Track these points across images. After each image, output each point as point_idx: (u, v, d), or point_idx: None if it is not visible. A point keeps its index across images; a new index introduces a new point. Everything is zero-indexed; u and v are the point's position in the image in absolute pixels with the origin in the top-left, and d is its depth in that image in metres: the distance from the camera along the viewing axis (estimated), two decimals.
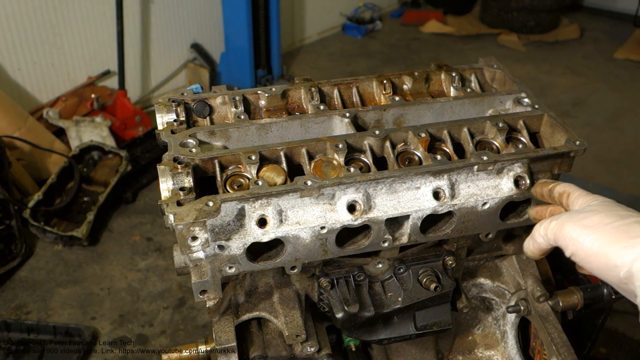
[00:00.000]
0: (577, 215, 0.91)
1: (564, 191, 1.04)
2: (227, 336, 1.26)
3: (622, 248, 0.81)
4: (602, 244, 0.84)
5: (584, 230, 0.87)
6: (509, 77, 1.45)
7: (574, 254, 0.88)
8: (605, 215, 0.88)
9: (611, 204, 0.93)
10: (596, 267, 0.85)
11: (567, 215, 0.93)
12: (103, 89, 4.60)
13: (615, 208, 0.90)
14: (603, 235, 0.84)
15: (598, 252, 0.84)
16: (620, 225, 0.84)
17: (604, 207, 0.91)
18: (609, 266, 0.82)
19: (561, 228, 0.91)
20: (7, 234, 3.32)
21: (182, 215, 1.01)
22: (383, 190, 1.16)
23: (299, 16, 6.45)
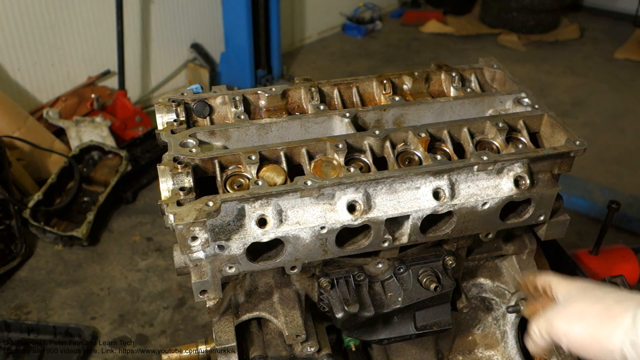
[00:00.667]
0: (561, 310, 0.97)
1: (545, 284, 1.11)
2: (227, 336, 1.26)
3: (609, 331, 0.86)
4: (592, 331, 0.89)
5: (571, 322, 0.93)
6: (509, 77, 1.45)
7: (571, 345, 0.93)
8: (586, 303, 0.94)
9: (588, 287, 0.99)
10: (593, 354, 0.89)
11: (553, 311, 0.99)
12: (103, 89, 4.60)
13: (592, 291, 0.96)
14: (589, 323, 0.90)
15: (590, 341, 0.89)
16: (601, 309, 0.90)
17: (583, 293, 0.97)
18: (604, 351, 0.87)
19: (551, 326, 0.97)
20: (7, 234, 3.32)
21: (182, 215, 1.01)
22: (383, 190, 1.16)
23: (299, 16, 6.45)
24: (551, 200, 1.27)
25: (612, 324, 0.87)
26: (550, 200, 1.27)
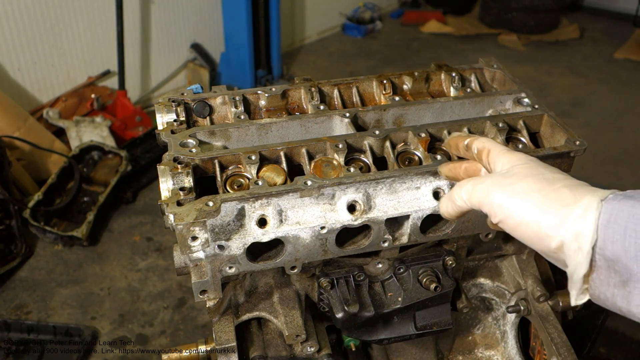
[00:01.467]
0: (503, 179, 0.85)
1: (483, 147, 0.97)
2: (227, 336, 1.26)
3: (553, 217, 0.77)
4: (533, 212, 0.79)
5: (513, 197, 0.82)
6: (509, 77, 1.45)
7: (503, 221, 0.83)
8: (533, 180, 0.82)
9: (536, 165, 0.87)
10: (526, 236, 0.81)
11: (493, 179, 0.87)
12: (103, 89, 4.60)
13: (541, 170, 0.85)
14: (533, 203, 0.79)
15: (529, 221, 0.79)
16: (550, 192, 0.80)
17: (530, 169, 0.86)
18: (540, 236, 0.78)
19: (488, 194, 0.85)
20: (7, 234, 3.32)
21: (182, 215, 1.01)
22: (383, 190, 1.16)
23: (299, 16, 6.45)
24: None
25: (558, 210, 0.77)
26: None
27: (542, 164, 0.88)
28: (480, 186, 0.87)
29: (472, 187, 0.88)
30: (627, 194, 0.74)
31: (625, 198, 0.73)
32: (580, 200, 0.76)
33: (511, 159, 0.90)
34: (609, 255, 0.72)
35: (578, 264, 0.74)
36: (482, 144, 0.98)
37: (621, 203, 0.72)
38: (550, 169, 0.86)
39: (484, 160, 0.96)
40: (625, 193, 0.75)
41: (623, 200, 0.73)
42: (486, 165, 0.96)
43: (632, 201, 0.72)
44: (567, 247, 0.75)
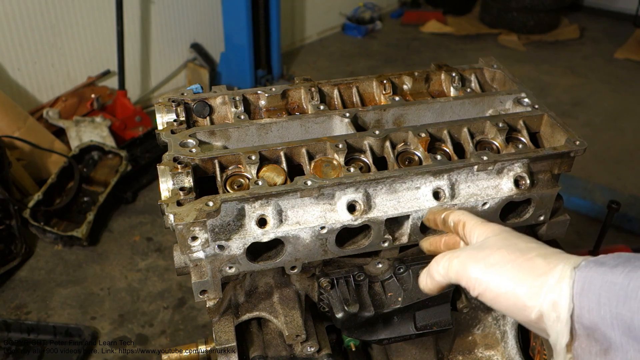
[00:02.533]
0: (478, 252, 0.86)
1: (458, 220, 0.99)
2: (227, 336, 1.26)
3: (529, 288, 0.78)
4: (509, 284, 0.80)
5: (488, 270, 0.83)
6: (509, 77, 1.45)
7: (481, 294, 0.84)
8: (507, 251, 0.83)
9: (509, 235, 0.89)
10: (505, 307, 0.81)
11: (467, 253, 0.88)
12: (103, 89, 4.60)
13: (514, 241, 0.86)
14: (509, 275, 0.80)
15: (506, 293, 0.80)
16: (524, 262, 0.81)
17: (503, 241, 0.87)
18: (519, 307, 0.79)
19: (464, 268, 0.86)
20: (7, 234, 3.32)
21: (182, 215, 1.01)
22: (383, 190, 1.16)
23: (299, 16, 6.45)
24: (551, 200, 1.27)
25: (534, 280, 0.77)
26: (550, 200, 1.27)
27: (515, 234, 0.89)
28: (456, 260, 0.88)
29: (449, 262, 0.89)
30: (599, 261, 0.74)
31: (597, 265, 0.73)
32: (554, 268, 0.77)
33: (485, 231, 0.92)
34: (587, 324, 0.72)
35: (559, 333, 0.74)
36: (458, 217, 1.00)
37: (593, 271, 0.73)
38: (524, 239, 0.87)
39: (460, 232, 0.98)
40: (597, 259, 0.75)
41: (595, 268, 0.73)
42: (462, 237, 0.98)
43: (603, 268, 0.72)
44: (546, 317, 0.76)
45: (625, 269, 0.70)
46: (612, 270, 0.71)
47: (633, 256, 0.73)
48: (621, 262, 0.72)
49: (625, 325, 0.68)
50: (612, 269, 0.71)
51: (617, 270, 0.71)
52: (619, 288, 0.69)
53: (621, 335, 0.69)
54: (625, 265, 0.71)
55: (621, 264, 0.71)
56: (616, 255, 0.75)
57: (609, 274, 0.71)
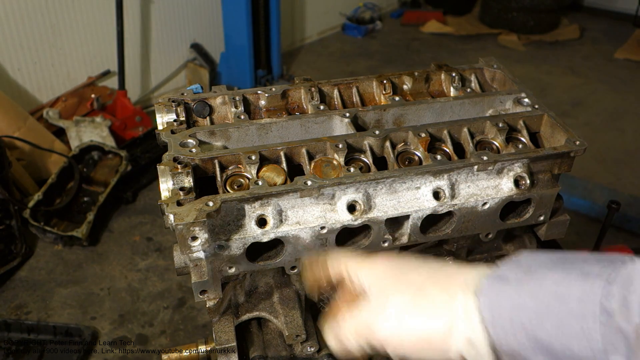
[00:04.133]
0: (377, 308, 0.80)
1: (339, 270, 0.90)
2: (227, 336, 1.26)
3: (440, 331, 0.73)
4: (419, 332, 0.75)
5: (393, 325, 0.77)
6: (509, 77, 1.45)
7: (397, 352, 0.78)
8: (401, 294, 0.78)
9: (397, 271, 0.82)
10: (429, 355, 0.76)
11: (367, 312, 0.81)
12: (103, 89, 4.60)
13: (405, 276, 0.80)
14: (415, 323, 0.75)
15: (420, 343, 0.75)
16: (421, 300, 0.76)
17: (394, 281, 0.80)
18: (439, 352, 0.74)
19: (371, 333, 0.80)
20: (7, 234, 3.32)
21: (182, 215, 1.01)
22: (383, 190, 1.16)
23: (299, 16, 6.45)
24: (551, 200, 1.27)
25: (440, 320, 0.73)
26: (550, 200, 1.27)
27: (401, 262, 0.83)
28: (359, 323, 0.82)
29: (354, 328, 0.82)
30: (499, 275, 0.71)
31: (500, 283, 0.70)
32: (455, 298, 0.73)
33: (370, 272, 0.85)
34: (508, 351, 0.70)
35: None
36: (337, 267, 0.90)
37: (498, 292, 0.69)
38: (411, 265, 0.82)
39: (347, 280, 0.90)
40: (496, 274, 0.71)
41: (499, 287, 0.70)
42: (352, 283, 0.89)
43: (508, 288, 0.69)
44: (467, 355, 0.72)
45: (529, 285, 0.67)
46: (518, 290, 0.68)
47: (534, 262, 0.70)
48: (522, 274, 0.69)
49: (546, 349, 0.65)
50: (517, 288, 0.68)
51: (522, 290, 0.67)
52: (529, 312, 0.66)
53: (544, 358, 0.66)
54: (528, 280, 0.67)
55: (524, 280, 0.68)
56: (515, 263, 0.72)
57: (515, 297, 0.67)
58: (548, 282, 0.66)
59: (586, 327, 0.62)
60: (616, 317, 0.60)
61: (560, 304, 0.64)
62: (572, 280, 0.64)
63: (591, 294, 0.62)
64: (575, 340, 0.62)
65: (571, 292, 0.64)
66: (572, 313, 0.63)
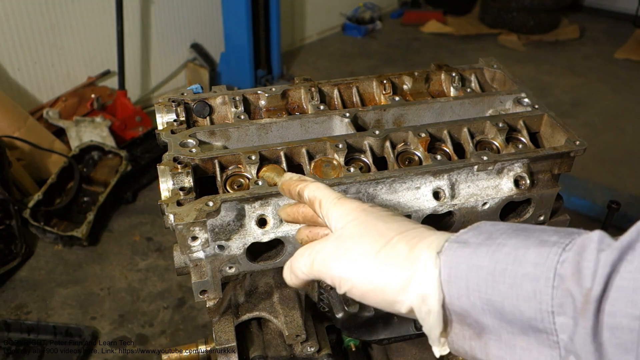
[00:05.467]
0: (338, 246, 0.80)
1: (314, 197, 0.90)
2: (227, 336, 1.26)
3: (396, 282, 0.73)
4: (375, 280, 0.75)
5: (351, 266, 0.77)
6: (509, 77, 1.45)
7: (348, 292, 0.79)
8: (368, 241, 0.78)
9: (368, 218, 0.81)
10: (375, 303, 0.77)
11: (328, 248, 0.82)
12: (103, 89, 4.60)
13: (374, 224, 0.80)
14: (373, 270, 0.76)
15: (373, 289, 0.76)
16: (387, 252, 0.76)
17: (362, 226, 0.80)
18: (389, 301, 0.75)
19: (327, 266, 0.80)
20: (7, 234, 3.32)
21: (182, 215, 1.01)
22: (383, 190, 1.16)
23: (299, 16, 6.45)
24: (551, 200, 1.27)
25: (399, 272, 0.73)
26: (550, 200, 1.27)
27: (376, 212, 0.83)
28: (317, 257, 0.82)
29: (310, 260, 0.83)
30: (461, 239, 0.72)
31: (461, 246, 0.71)
32: (418, 257, 0.73)
33: (344, 212, 0.84)
34: (458, 311, 0.71)
35: (431, 326, 0.72)
36: (313, 192, 0.90)
37: (458, 254, 0.70)
38: (385, 218, 0.81)
39: (317, 210, 0.90)
40: (459, 238, 0.73)
41: (459, 250, 0.70)
42: (320, 216, 0.90)
43: (467, 250, 0.70)
44: (417, 310, 0.73)
45: (489, 249, 0.68)
46: (477, 252, 0.69)
47: (495, 230, 0.71)
48: (483, 239, 0.70)
49: (496, 310, 0.67)
50: (476, 250, 0.69)
51: (481, 252, 0.69)
52: (485, 272, 0.67)
53: (493, 319, 0.68)
54: (489, 244, 0.69)
55: (484, 243, 0.69)
56: (476, 228, 0.73)
57: (474, 257, 0.69)
58: (506, 247, 0.67)
59: (538, 290, 0.63)
60: (567, 282, 0.61)
61: (516, 267, 0.65)
62: (530, 247, 0.66)
63: (547, 259, 0.64)
64: (526, 302, 0.64)
65: (528, 257, 0.65)
66: (527, 276, 0.64)
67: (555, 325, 0.63)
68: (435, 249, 0.73)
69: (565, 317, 0.62)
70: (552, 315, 0.62)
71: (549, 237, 0.67)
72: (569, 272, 0.62)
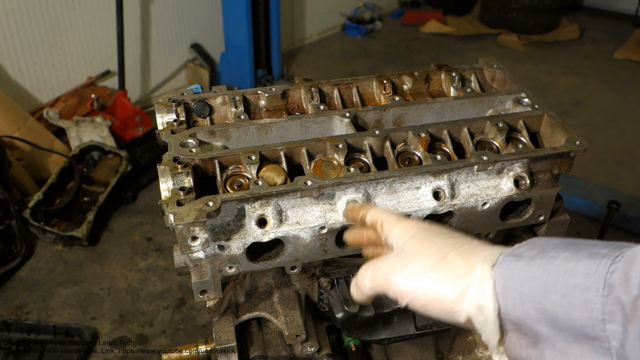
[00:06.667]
0: (398, 261, 0.86)
1: (376, 220, 0.98)
2: (227, 336, 1.26)
3: (453, 293, 0.79)
4: (433, 292, 0.81)
5: (411, 279, 0.83)
6: (509, 77, 1.45)
7: (410, 304, 0.84)
8: (426, 256, 0.84)
9: (426, 235, 0.88)
10: (436, 313, 0.82)
11: (389, 263, 0.88)
12: (103, 89, 4.60)
13: (432, 240, 0.87)
14: (431, 283, 0.81)
15: (433, 300, 0.81)
16: (444, 266, 0.81)
17: (420, 243, 0.87)
18: (447, 312, 0.80)
19: (388, 281, 0.86)
20: (7, 234, 3.32)
21: (182, 215, 1.01)
22: (383, 190, 1.16)
23: (299, 16, 6.45)
24: (551, 200, 1.27)
25: (455, 284, 0.78)
26: (550, 200, 1.27)
27: (433, 229, 0.90)
28: (379, 272, 0.88)
29: (373, 275, 0.89)
30: (516, 253, 0.76)
31: (515, 259, 0.75)
32: (473, 269, 0.78)
33: (403, 231, 0.92)
34: (514, 320, 0.74)
35: (489, 334, 0.77)
36: (374, 216, 0.99)
37: (512, 267, 0.74)
38: (442, 234, 0.88)
39: (379, 231, 0.97)
40: (514, 252, 0.76)
41: (513, 263, 0.74)
42: (382, 236, 0.97)
43: (521, 263, 0.74)
44: (474, 320, 0.77)
45: (542, 261, 0.72)
46: (530, 265, 0.73)
47: (548, 244, 0.75)
48: (536, 253, 0.74)
49: (550, 319, 0.70)
50: (530, 262, 0.73)
51: (534, 264, 0.72)
52: (539, 283, 0.71)
53: (547, 327, 0.71)
54: (542, 257, 0.73)
55: (537, 256, 0.73)
56: (531, 243, 0.77)
57: (527, 269, 0.72)
58: (558, 260, 0.71)
59: (589, 299, 0.66)
60: (616, 290, 0.64)
61: (568, 278, 0.69)
62: (581, 259, 0.69)
63: (597, 270, 0.67)
64: (578, 311, 0.67)
65: (579, 268, 0.68)
66: (578, 286, 0.67)
67: (607, 332, 0.65)
68: (490, 262, 0.77)
69: (616, 324, 0.64)
70: (603, 322, 0.65)
71: (599, 250, 0.70)
72: (617, 281, 0.65)
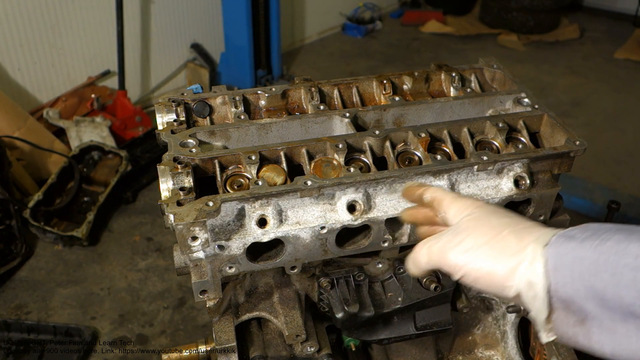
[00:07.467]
0: (454, 237, 0.90)
1: (433, 198, 1.01)
2: (227, 336, 1.26)
3: (505, 268, 0.82)
4: (486, 267, 0.84)
5: (465, 254, 0.87)
6: (509, 77, 1.45)
7: (462, 278, 0.88)
8: (481, 233, 0.88)
9: (482, 213, 0.92)
10: (487, 288, 0.86)
11: (445, 239, 0.91)
12: (103, 89, 4.60)
13: (488, 218, 0.90)
14: (484, 258, 0.85)
15: (485, 274, 0.84)
16: (497, 243, 0.85)
17: (476, 220, 0.90)
18: (498, 287, 0.84)
19: (443, 256, 0.90)
20: (7, 234, 3.32)
21: (182, 215, 1.01)
22: (383, 190, 1.16)
23: (299, 16, 6.45)
24: (551, 200, 1.27)
25: (508, 260, 0.82)
26: (550, 200, 1.27)
27: (489, 208, 0.93)
28: (435, 248, 0.92)
29: (429, 251, 0.93)
30: (568, 234, 0.78)
31: (567, 240, 0.77)
32: (526, 247, 0.81)
33: (460, 208, 0.95)
34: (563, 297, 0.76)
35: (537, 310, 0.79)
36: (432, 194, 1.02)
37: (563, 246, 0.77)
38: (497, 213, 0.91)
39: (437, 209, 1.00)
40: (566, 233, 0.79)
41: (565, 243, 0.77)
42: (440, 214, 1.00)
43: (573, 243, 0.76)
44: (524, 295, 0.80)
45: (593, 242, 0.74)
46: (582, 245, 0.75)
47: (600, 228, 0.77)
48: (589, 235, 0.76)
49: (599, 297, 0.72)
50: (581, 243, 0.75)
51: (586, 245, 0.74)
52: (589, 262, 0.73)
53: (595, 306, 0.73)
54: (593, 238, 0.74)
55: (589, 238, 0.75)
56: (584, 227, 0.79)
57: (578, 249, 0.75)
58: (610, 242, 0.73)
59: (638, 278, 0.68)
60: None
61: (618, 258, 0.71)
62: (633, 241, 0.72)
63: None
64: (626, 289, 0.69)
65: (630, 249, 0.71)
66: (628, 265, 0.70)
67: None
68: (542, 242, 0.80)
69: None
70: None
71: None
72: None
